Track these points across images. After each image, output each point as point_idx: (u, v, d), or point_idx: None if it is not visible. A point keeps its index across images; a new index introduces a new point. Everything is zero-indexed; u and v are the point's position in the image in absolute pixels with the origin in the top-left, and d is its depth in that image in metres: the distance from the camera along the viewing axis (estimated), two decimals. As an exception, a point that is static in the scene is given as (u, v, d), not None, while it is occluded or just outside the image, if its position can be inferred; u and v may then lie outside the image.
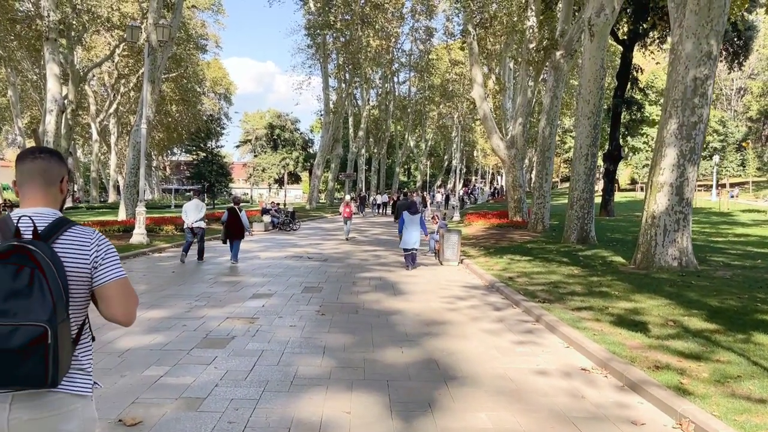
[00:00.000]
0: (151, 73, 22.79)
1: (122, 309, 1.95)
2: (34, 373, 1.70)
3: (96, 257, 1.92)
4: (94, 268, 1.92)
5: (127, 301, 1.97)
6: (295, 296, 9.13)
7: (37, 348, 1.68)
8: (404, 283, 10.97)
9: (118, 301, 1.94)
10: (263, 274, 11.58)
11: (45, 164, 1.97)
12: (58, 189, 2.01)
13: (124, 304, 1.96)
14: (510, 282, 10.62)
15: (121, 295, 1.95)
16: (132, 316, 1.99)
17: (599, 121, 17.39)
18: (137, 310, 2.06)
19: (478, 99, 26.71)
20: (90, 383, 1.94)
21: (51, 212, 1.94)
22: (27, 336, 1.68)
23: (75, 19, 39.87)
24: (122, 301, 1.95)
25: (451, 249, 13.75)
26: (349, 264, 13.76)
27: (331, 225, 29.06)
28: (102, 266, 1.93)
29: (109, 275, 1.93)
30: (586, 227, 17.35)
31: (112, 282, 1.93)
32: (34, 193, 1.95)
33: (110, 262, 1.95)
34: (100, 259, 1.93)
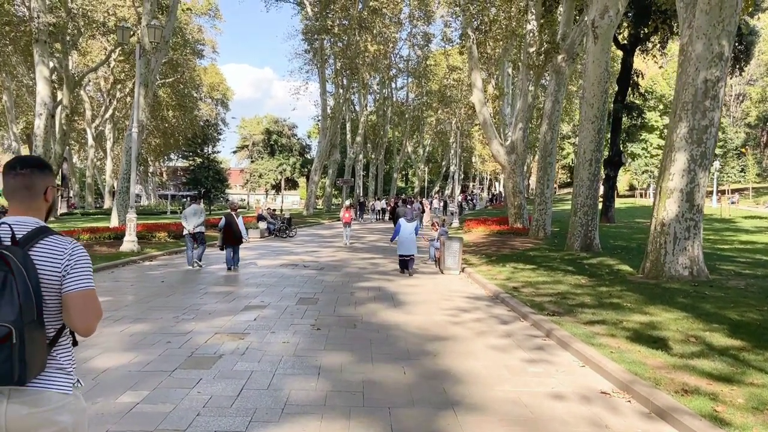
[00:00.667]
0: (144, 77, 22.34)
1: (80, 319, 1.99)
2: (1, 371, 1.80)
3: (67, 266, 1.99)
4: (63, 276, 1.98)
5: (86, 313, 1.99)
6: (289, 309, 8.63)
7: (2, 347, 1.79)
8: (404, 294, 10.47)
9: (78, 311, 1.98)
10: (257, 284, 11.07)
11: (26, 181, 2.06)
12: (42, 200, 2.10)
13: (82, 316, 1.99)
14: (515, 292, 10.13)
15: (82, 306, 1.98)
16: (90, 328, 2.02)
17: (603, 125, 16.95)
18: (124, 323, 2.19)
19: (477, 104, 26.29)
20: (71, 382, 2.03)
21: (33, 221, 2.04)
22: None
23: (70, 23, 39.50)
24: (82, 312, 1.98)
25: (453, 257, 13.26)
26: (347, 273, 13.26)
27: (328, 231, 28.55)
28: (70, 275, 1.99)
29: (74, 285, 1.98)
30: (590, 234, 16.89)
31: (76, 291, 1.98)
32: (18, 206, 2.06)
33: (79, 272, 2.00)
34: (69, 268, 1.99)
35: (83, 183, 64.99)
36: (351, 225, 21.42)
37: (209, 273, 12.80)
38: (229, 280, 11.82)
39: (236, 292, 10.15)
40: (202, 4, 64.55)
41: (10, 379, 1.84)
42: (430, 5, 49.04)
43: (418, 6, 49.34)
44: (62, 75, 40.54)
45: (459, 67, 54.51)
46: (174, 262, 14.79)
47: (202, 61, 68.80)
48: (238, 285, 11.05)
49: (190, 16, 61.87)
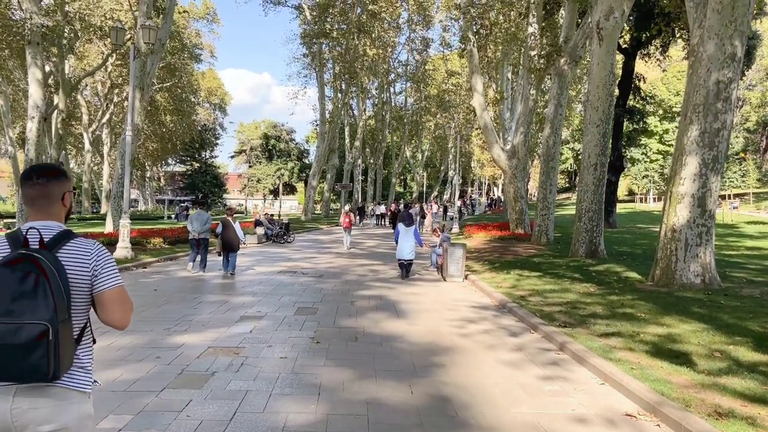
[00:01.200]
0: (140, 80, 21.95)
1: (118, 314, 2.13)
2: (38, 367, 1.88)
3: (95, 266, 2.11)
4: (93, 276, 2.10)
5: (122, 307, 2.15)
6: (287, 319, 8.20)
7: (39, 344, 1.88)
8: (407, 302, 10.06)
9: (114, 306, 2.12)
10: (253, 293, 10.64)
11: (43, 190, 2.15)
12: (60, 205, 2.20)
13: (119, 310, 2.14)
14: (522, 301, 9.72)
15: (117, 302, 2.13)
16: (127, 320, 2.18)
17: (608, 129, 16.60)
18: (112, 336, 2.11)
19: (478, 108, 25.95)
20: (90, 380, 2.11)
21: (56, 225, 2.15)
22: (31, 333, 1.87)
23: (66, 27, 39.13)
24: (118, 307, 2.13)
25: (456, 264, 12.86)
26: (347, 280, 12.85)
27: (326, 237, 28.13)
28: (101, 275, 2.11)
29: (106, 283, 2.11)
30: (595, 240, 16.51)
31: (110, 289, 2.12)
32: (39, 213, 2.16)
33: (108, 271, 2.13)
34: (99, 268, 2.11)
35: (80, 188, 64.54)
36: (351, 230, 21.83)
37: (204, 280, 12.38)
38: (225, 288, 11.39)
39: (232, 301, 9.73)
40: (200, 9, 64.27)
41: (45, 375, 1.91)
42: (429, 9, 48.83)
43: (417, 11, 49.11)
44: (58, 79, 40.19)
45: (458, 72, 54.30)
46: (168, 269, 14.36)
47: (200, 65, 68.52)
48: (233, 293, 10.62)
49: (188, 21, 61.61)
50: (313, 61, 45.35)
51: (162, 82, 57.43)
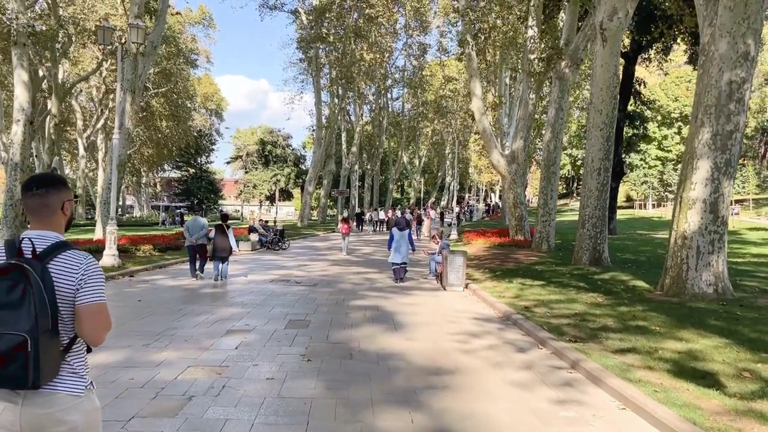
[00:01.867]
0: (131, 83, 21.44)
1: (90, 331, 2.12)
2: (16, 375, 1.93)
3: (81, 279, 2.11)
4: (77, 289, 2.10)
5: (96, 324, 2.13)
6: (276, 334, 7.64)
7: (18, 354, 1.93)
8: (404, 314, 9.50)
9: (89, 323, 2.11)
10: (242, 303, 10.07)
11: (43, 200, 2.19)
12: (60, 214, 2.23)
13: (92, 327, 2.12)
14: (528, 313, 9.18)
15: (92, 318, 2.11)
16: (99, 339, 2.16)
17: (612, 132, 16.10)
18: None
19: (477, 113, 25.47)
20: (83, 384, 2.14)
21: (53, 235, 2.18)
22: (9, 343, 1.92)
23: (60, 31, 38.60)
24: (92, 323, 2.11)
25: (456, 273, 12.31)
26: (341, 289, 12.28)
27: (322, 243, 27.57)
28: (83, 288, 2.11)
29: (86, 298, 2.11)
30: (598, 247, 15.99)
31: (88, 304, 2.11)
32: (38, 223, 2.20)
33: (92, 286, 2.13)
34: (83, 282, 2.11)
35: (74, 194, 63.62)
36: (349, 236, 22.34)
37: (193, 290, 11.80)
38: (213, 298, 10.81)
39: (219, 312, 9.15)
40: (196, 13, 63.85)
41: (24, 384, 1.96)
42: (426, 14, 48.50)
43: (414, 16, 48.76)
44: (51, 83, 39.63)
45: (455, 77, 53.93)
46: (156, 278, 13.77)
47: (197, 71, 68.08)
48: (221, 304, 10.05)
49: (184, 26, 61.20)
50: (309, 65, 44.91)
51: (158, 87, 56.95)
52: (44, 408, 2.03)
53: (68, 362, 2.11)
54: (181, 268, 15.87)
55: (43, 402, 2.04)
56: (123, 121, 21.46)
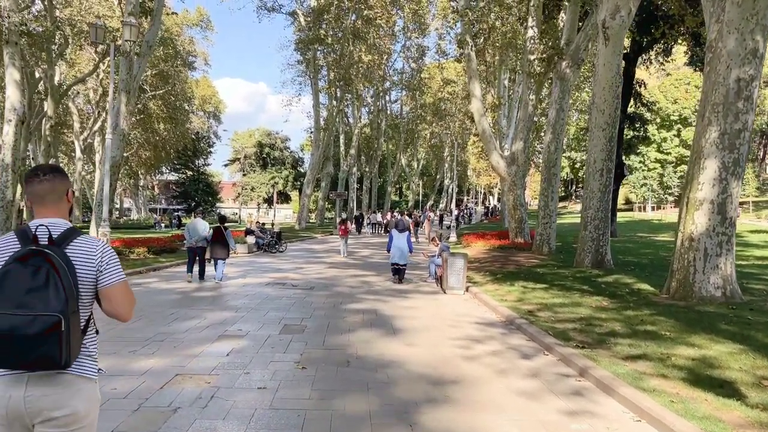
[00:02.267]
0: (126, 83, 21.11)
1: (122, 307, 2.26)
2: (50, 355, 1.99)
3: (101, 262, 2.23)
4: (99, 271, 2.22)
5: (126, 300, 2.29)
6: (271, 339, 7.31)
7: (52, 334, 1.98)
8: (404, 318, 9.18)
9: (119, 300, 2.25)
10: (236, 307, 9.74)
11: (50, 185, 2.27)
12: (65, 201, 2.33)
13: (123, 303, 2.27)
14: (531, 317, 8.86)
15: (122, 295, 2.26)
16: (130, 314, 2.32)
17: (615, 133, 15.83)
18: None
19: (476, 114, 25.20)
20: (96, 367, 2.24)
21: (63, 222, 2.27)
22: (44, 324, 1.98)
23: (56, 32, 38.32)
24: (122, 300, 2.26)
25: (456, 276, 11.99)
26: (338, 293, 11.96)
27: (320, 246, 27.23)
28: (106, 270, 2.23)
29: (112, 278, 2.24)
30: (601, 250, 15.69)
31: (115, 284, 2.24)
32: (46, 209, 2.27)
33: (113, 267, 2.26)
34: (104, 264, 2.23)
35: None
36: (348, 238, 22.52)
37: (186, 293, 11.47)
38: (207, 301, 10.48)
39: (211, 317, 8.82)
40: (194, 15, 63.57)
41: (57, 364, 2.01)
42: (425, 16, 48.28)
43: (413, 19, 48.53)
44: (47, 85, 39.34)
45: (453, 80, 53.68)
46: (148, 281, 13.43)
47: (194, 73, 67.78)
48: (215, 308, 9.71)
49: (182, 28, 60.94)
50: (307, 67, 44.63)
51: (155, 89, 56.63)
52: (50, 390, 2.07)
53: (84, 345, 2.18)
54: (176, 271, 15.55)
55: (51, 384, 2.08)
56: (117, 122, 21.15)
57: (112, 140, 21.03)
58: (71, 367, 2.09)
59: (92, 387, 2.19)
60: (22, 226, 2.27)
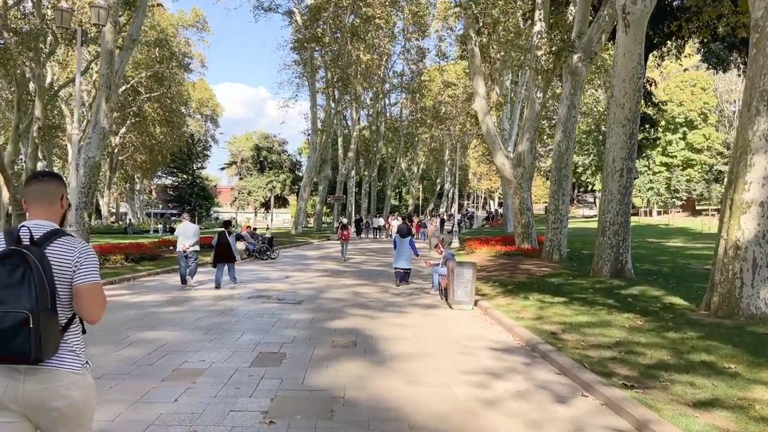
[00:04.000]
0: (107, 78, 19.72)
1: (89, 309, 2.30)
2: (20, 350, 2.08)
3: (77, 261, 2.29)
4: (74, 270, 2.28)
5: (94, 302, 2.31)
6: (238, 375, 5.84)
7: (21, 330, 2.08)
8: (404, 341, 7.73)
9: (87, 301, 2.29)
10: (206, 328, 8.27)
11: (44, 187, 2.40)
12: (58, 205, 2.43)
13: (91, 305, 2.30)
14: (556, 341, 7.42)
15: (90, 296, 2.30)
16: (97, 316, 2.34)
17: (636, 129, 14.42)
18: None
19: (480, 113, 23.81)
20: (80, 362, 2.32)
21: (48, 224, 2.35)
22: (14, 320, 2.08)
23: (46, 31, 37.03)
24: (90, 301, 2.29)
25: (464, 288, 10.53)
26: (328, 308, 10.49)
27: (314, 252, 25.78)
28: (79, 270, 2.29)
29: (84, 278, 2.29)
30: (621, 258, 14.26)
31: (85, 283, 2.29)
32: (38, 210, 2.38)
33: (87, 267, 2.31)
34: (79, 264, 2.29)
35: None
36: (348, 242, 22.77)
37: (150, 310, 9.99)
38: (172, 321, 9.00)
39: (173, 341, 7.35)
40: (190, 16, 62.29)
41: (27, 358, 2.11)
42: (424, 17, 47.01)
43: (413, 21, 47.29)
44: (36, 85, 37.98)
45: (454, 83, 52.39)
46: (117, 293, 11.95)
47: (191, 75, 66.43)
48: (180, 328, 8.24)
49: (177, 29, 59.66)
50: (304, 67, 43.29)
51: (150, 91, 55.27)
52: (45, 383, 2.18)
53: (66, 341, 2.28)
54: (152, 281, 14.11)
55: (44, 378, 2.18)
56: (98, 119, 19.75)
57: (91, 139, 19.64)
58: (54, 363, 2.19)
59: (83, 378, 2.28)
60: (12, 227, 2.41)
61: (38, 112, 39.54)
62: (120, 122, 58.82)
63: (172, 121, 60.44)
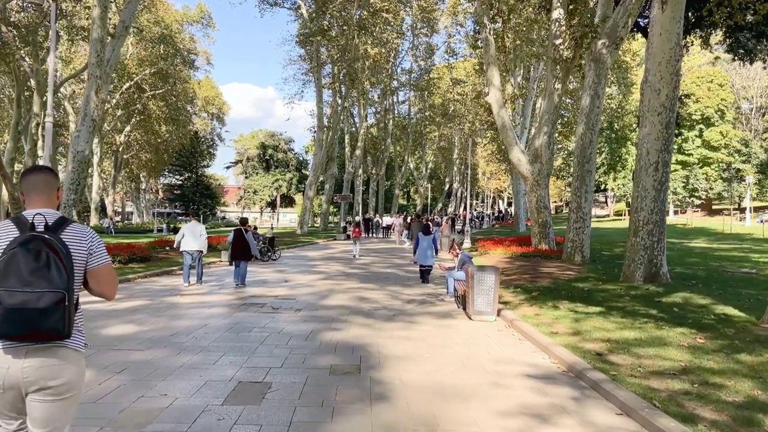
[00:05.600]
0: (96, 67, 18.47)
1: (108, 287, 2.53)
2: (56, 327, 2.24)
3: (90, 246, 2.48)
4: (89, 254, 2.47)
5: (112, 280, 2.55)
6: (204, 418, 4.44)
7: (58, 308, 2.24)
8: (420, 362, 6.37)
9: (106, 279, 2.51)
10: (182, 347, 6.90)
11: (46, 177, 2.55)
12: (55, 196, 2.58)
13: (109, 283, 2.53)
14: (606, 365, 6.02)
15: (108, 275, 2.53)
16: (113, 293, 2.58)
17: (674, 118, 13.00)
18: None
19: (495, 105, 22.39)
20: (83, 341, 2.47)
21: (54, 212, 2.50)
22: (51, 299, 2.22)
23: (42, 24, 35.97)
24: (108, 280, 2.53)
25: (485, 296, 9.14)
26: (328, 317, 9.12)
27: (318, 253, 24.45)
28: (94, 253, 2.49)
29: (100, 260, 2.50)
30: (655, 260, 12.85)
31: (102, 265, 2.51)
32: (40, 199, 2.50)
33: (101, 250, 2.52)
34: (93, 248, 2.49)
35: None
36: (360, 240, 23.27)
37: (118, 317, 8.66)
38: (144, 338, 7.65)
39: (135, 365, 6.00)
40: (195, 12, 61.21)
41: (61, 333, 2.26)
42: (434, 13, 45.61)
43: (421, 17, 45.92)
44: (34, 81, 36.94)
45: (463, 80, 50.99)
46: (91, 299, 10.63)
47: (197, 74, 65.32)
48: (149, 346, 6.90)
49: (182, 25, 58.58)
50: (310, 62, 41.99)
51: (154, 88, 54.18)
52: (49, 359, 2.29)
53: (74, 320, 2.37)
54: (138, 286, 12.81)
55: (46, 355, 2.30)
56: (87, 111, 18.51)
57: (80, 132, 18.41)
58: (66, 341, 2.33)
59: (81, 358, 2.44)
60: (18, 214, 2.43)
61: (37, 109, 38.50)
62: (125, 120, 57.80)
63: (178, 119, 59.37)
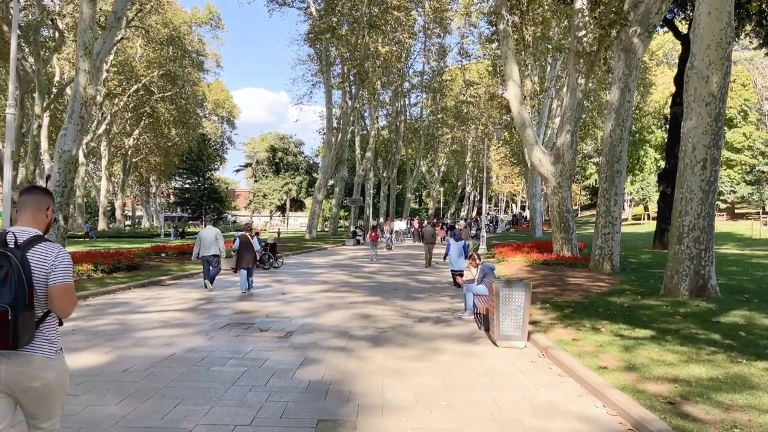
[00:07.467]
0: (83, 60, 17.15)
1: (59, 306, 2.64)
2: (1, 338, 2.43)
3: (53, 264, 2.61)
4: (50, 272, 2.59)
5: (65, 301, 2.64)
6: None
7: (2, 321, 2.42)
8: (429, 410, 4.86)
9: (59, 299, 2.62)
10: (130, 389, 5.40)
11: (35, 197, 2.78)
12: (44, 215, 2.79)
13: (61, 303, 2.63)
14: (686, 421, 4.48)
15: (61, 295, 2.63)
16: (67, 312, 2.68)
17: (723, 109, 11.37)
18: None
19: (514, 101, 20.84)
20: (54, 349, 2.66)
21: (33, 231, 2.68)
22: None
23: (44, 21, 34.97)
24: (61, 300, 2.63)
25: (514, 317, 7.59)
26: (325, 346, 7.61)
27: (323, 260, 22.97)
28: (54, 272, 2.61)
29: (57, 279, 2.61)
30: (703, 272, 11.22)
31: (57, 285, 2.62)
32: (25, 217, 2.73)
33: (61, 270, 2.63)
34: (54, 267, 2.61)
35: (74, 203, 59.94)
36: (377, 244, 23.81)
37: (73, 342, 7.22)
38: (90, 373, 6.20)
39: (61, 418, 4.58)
40: (203, 14, 60.24)
41: (5, 344, 2.45)
42: (446, 12, 44.19)
43: (433, 18, 44.51)
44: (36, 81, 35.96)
45: (476, 82, 49.55)
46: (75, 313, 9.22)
47: (207, 76, 64.29)
48: (88, 390, 5.42)
49: (191, 26, 57.60)
50: (319, 62, 40.68)
51: (163, 91, 53.18)
52: (23, 366, 2.53)
53: (42, 332, 2.61)
54: (117, 299, 11.40)
55: (23, 362, 2.53)
56: (74, 108, 17.20)
57: (67, 130, 17.09)
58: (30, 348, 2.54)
59: (56, 362, 2.63)
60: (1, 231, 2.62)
61: (38, 110, 37.53)
62: (134, 123, 56.88)
63: (187, 122, 58.36)
